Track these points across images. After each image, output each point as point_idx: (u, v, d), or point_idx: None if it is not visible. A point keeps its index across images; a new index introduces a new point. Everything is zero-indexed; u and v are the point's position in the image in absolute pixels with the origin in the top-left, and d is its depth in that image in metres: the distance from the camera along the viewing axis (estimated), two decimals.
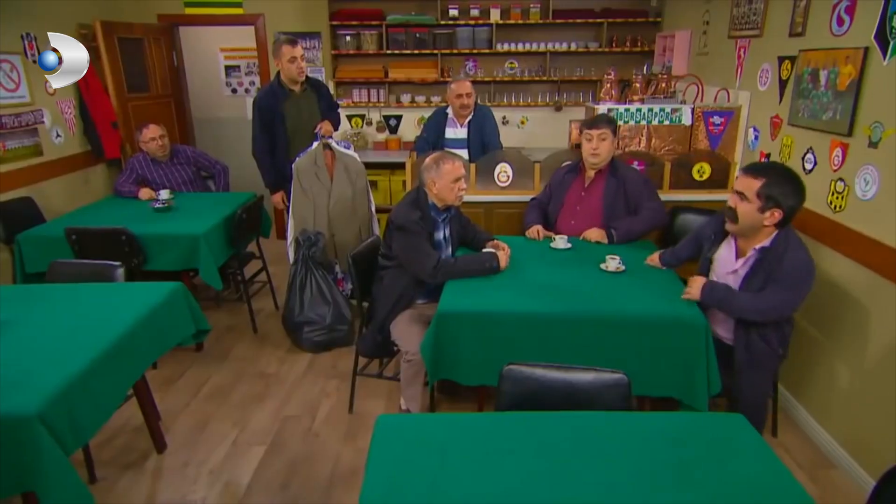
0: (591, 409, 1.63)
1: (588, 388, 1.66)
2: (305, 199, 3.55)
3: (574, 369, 1.67)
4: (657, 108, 3.49)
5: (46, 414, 1.61)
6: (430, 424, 1.56)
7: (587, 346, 2.20)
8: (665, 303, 2.28)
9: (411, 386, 2.58)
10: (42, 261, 3.20)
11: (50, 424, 1.61)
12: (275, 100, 3.58)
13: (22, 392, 1.65)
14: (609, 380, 1.64)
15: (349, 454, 2.60)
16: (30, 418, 1.57)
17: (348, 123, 5.41)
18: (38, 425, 1.57)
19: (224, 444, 2.66)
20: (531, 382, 1.67)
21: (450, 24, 5.00)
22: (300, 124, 3.64)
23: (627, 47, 5.02)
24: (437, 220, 2.68)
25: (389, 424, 1.53)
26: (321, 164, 3.54)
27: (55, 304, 2.23)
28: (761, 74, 3.14)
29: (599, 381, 1.65)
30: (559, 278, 2.50)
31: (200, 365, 3.33)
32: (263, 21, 5.14)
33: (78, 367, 1.79)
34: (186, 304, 2.49)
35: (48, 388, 1.67)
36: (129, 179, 3.93)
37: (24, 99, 3.87)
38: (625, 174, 2.97)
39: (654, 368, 2.17)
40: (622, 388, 1.64)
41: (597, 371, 1.66)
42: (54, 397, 1.65)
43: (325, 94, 3.82)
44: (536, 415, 1.58)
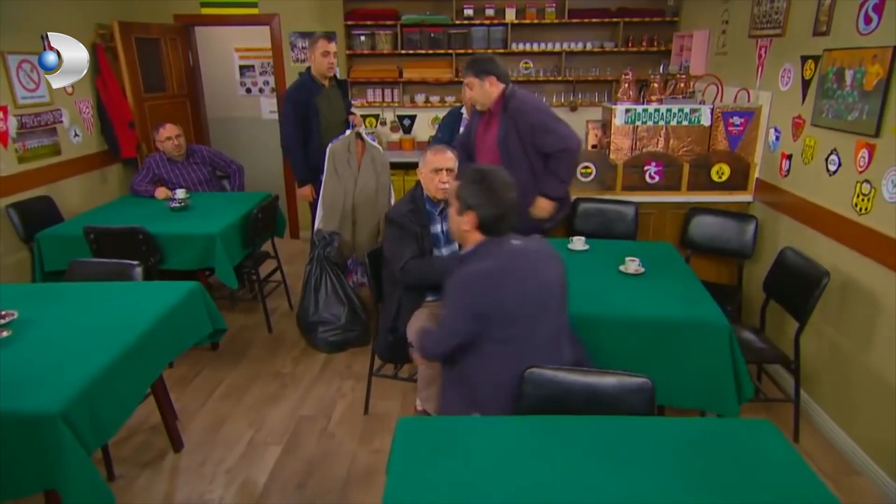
0: (614, 413, 1.60)
1: (611, 393, 1.63)
2: (338, 183, 3.58)
3: (597, 373, 1.65)
4: (676, 109, 3.45)
5: (69, 413, 1.61)
6: (452, 427, 1.55)
7: (609, 349, 2.18)
8: (686, 305, 2.25)
9: (428, 387, 2.57)
10: (61, 259, 3.23)
11: (72, 423, 1.62)
12: (308, 94, 3.64)
13: (44, 390, 1.66)
14: (633, 384, 1.62)
15: (365, 455, 2.59)
16: (52, 417, 1.57)
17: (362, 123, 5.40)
18: (60, 424, 1.58)
19: (240, 444, 2.67)
20: (553, 386, 1.65)
21: (465, 23, 4.98)
22: (331, 118, 3.74)
23: (644, 47, 4.97)
24: (433, 213, 2.61)
25: (410, 427, 1.52)
26: (353, 151, 3.60)
27: (75, 303, 2.25)
28: (783, 74, 3.09)
29: (623, 385, 1.63)
30: (579, 280, 2.45)
31: (216, 364, 3.34)
32: (279, 21, 5.15)
33: (99, 366, 1.79)
34: (204, 303, 2.50)
35: (70, 386, 1.68)
36: (145, 179, 3.96)
37: (44, 99, 3.90)
38: (516, 114, 2.82)
39: (678, 373, 2.14)
40: (646, 392, 1.61)
41: (620, 375, 1.64)
42: (76, 396, 1.66)
43: (347, 90, 3.94)
44: (559, 418, 1.56)
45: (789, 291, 2.62)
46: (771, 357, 2.63)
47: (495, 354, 1.76)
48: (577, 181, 3.59)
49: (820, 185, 2.74)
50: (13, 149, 3.64)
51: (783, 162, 3.09)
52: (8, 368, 1.78)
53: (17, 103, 3.66)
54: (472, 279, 1.77)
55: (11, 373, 1.76)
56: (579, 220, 3.50)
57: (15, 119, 3.64)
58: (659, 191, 3.53)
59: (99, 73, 4.41)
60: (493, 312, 1.73)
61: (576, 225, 3.50)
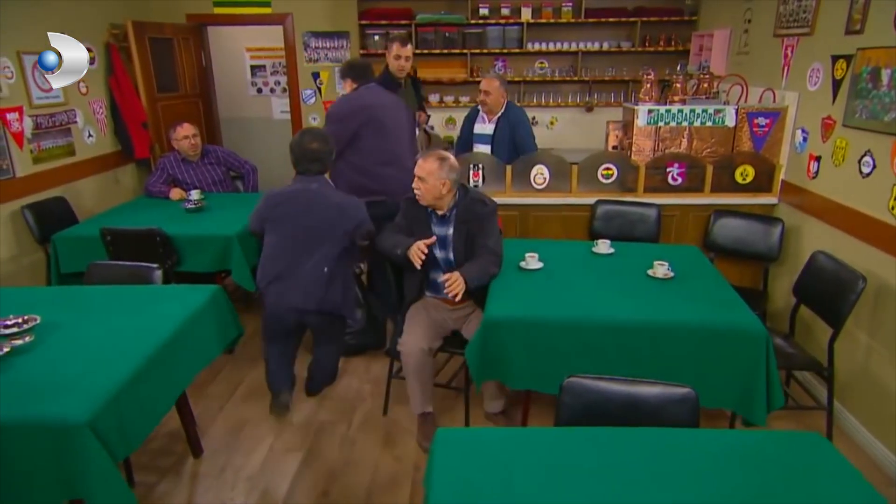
0: (656, 424, 1.55)
1: (653, 403, 1.58)
2: None
3: (638, 382, 1.60)
4: (699, 109, 3.39)
5: (96, 422, 1.57)
6: (492, 439, 1.50)
7: (639, 355, 2.13)
8: (720, 311, 2.20)
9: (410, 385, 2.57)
10: (76, 261, 3.21)
11: (99, 432, 1.58)
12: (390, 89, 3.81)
13: (70, 398, 1.62)
14: (676, 394, 1.57)
15: (388, 462, 2.54)
16: (80, 426, 1.53)
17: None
18: (87, 433, 1.54)
19: (260, 450, 2.62)
20: (593, 395, 1.60)
21: (480, 23, 4.94)
22: None
23: (661, 46, 4.92)
24: (430, 213, 2.56)
25: (450, 439, 1.48)
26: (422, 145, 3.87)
27: (98, 307, 2.21)
28: (811, 74, 3.03)
29: (665, 395, 1.58)
30: (607, 285, 2.43)
31: (232, 367, 3.30)
32: (292, 21, 5.12)
33: (126, 373, 1.75)
34: (226, 306, 2.46)
35: (97, 394, 1.64)
36: (159, 179, 3.92)
37: (59, 99, 3.87)
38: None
39: (709, 379, 2.09)
40: (689, 403, 1.56)
41: (663, 385, 1.59)
42: (104, 405, 1.62)
43: (419, 88, 4.14)
44: (601, 430, 1.51)
45: (822, 296, 2.56)
46: (802, 364, 2.57)
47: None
48: (598, 183, 3.54)
49: (852, 188, 2.68)
50: (28, 149, 3.61)
51: (811, 163, 3.03)
52: (32, 375, 1.75)
53: (33, 104, 3.63)
54: (266, 195, 2.63)
55: (36, 379, 1.72)
56: (600, 223, 3.45)
57: (30, 119, 3.61)
58: (682, 192, 3.47)
59: (113, 73, 4.38)
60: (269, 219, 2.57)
61: (596, 227, 3.44)
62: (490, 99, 3.65)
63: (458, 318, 2.67)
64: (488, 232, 2.54)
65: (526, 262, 2.61)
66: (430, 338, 2.55)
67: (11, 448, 1.56)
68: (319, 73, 5.23)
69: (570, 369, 2.14)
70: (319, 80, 5.23)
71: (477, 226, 2.52)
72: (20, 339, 1.90)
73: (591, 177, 3.54)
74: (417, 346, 2.49)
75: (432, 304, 2.69)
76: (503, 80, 3.68)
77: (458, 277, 2.35)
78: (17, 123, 3.51)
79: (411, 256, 2.43)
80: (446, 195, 2.48)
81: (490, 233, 2.54)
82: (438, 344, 2.60)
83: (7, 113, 3.43)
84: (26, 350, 1.87)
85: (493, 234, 2.55)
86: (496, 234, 2.57)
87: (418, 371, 2.52)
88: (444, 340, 2.65)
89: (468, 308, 2.66)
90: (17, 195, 3.51)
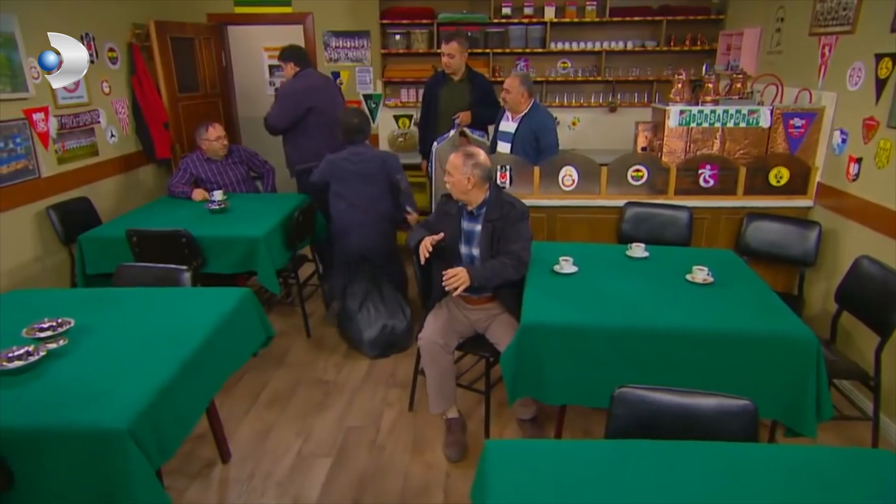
0: (712, 438, 1.49)
1: (710, 416, 1.52)
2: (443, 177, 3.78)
3: (693, 394, 1.54)
4: (733, 110, 3.32)
5: (136, 429, 1.54)
6: (543, 452, 1.45)
7: (683, 364, 2.07)
8: (766, 317, 2.13)
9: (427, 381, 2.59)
10: (102, 262, 3.19)
11: (138, 440, 1.55)
12: (435, 84, 4.16)
13: (108, 405, 1.59)
14: (734, 407, 1.51)
15: (419, 469, 2.50)
16: (120, 433, 1.50)
17: (395, 124, 5.33)
18: (128, 441, 1.51)
19: (289, 455, 2.59)
20: (646, 406, 1.54)
21: (502, 22, 4.88)
22: (449, 108, 4.07)
23: (687, 46, 4.84)
24: (461, 207, 2.58)
25: (501, 452, 1.43)
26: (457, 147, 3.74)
27: (129, 310, 2.18)
28: (851, 73, 2.95)
29: (723, 407, 1.52)
30: (645, 290, 2.37)
31: (257, 370, 3.27)
32: (312, 20, 5.09)
33: (162, 379, 1.72)
34: (256, 309, 2.43)
35: (135, 400, 1.61)
36: (181, 180, 3.91)
37: (83, 99, 3.87)
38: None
39: (756, 389, 2.00)
40: (748, 416, 1.50)
41: (719, 396, 1.53)
42: (142, 411, 1.58)
43: (481, 88, 4.10)
44: (655, 444, 1.45)
45: (868, 303, 2.48)
46: (847, 372, 2.49)
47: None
48: (627, 185, 3.48)
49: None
50: (53, 150, 3.61)
51: (851, 165, 2.95)
52: (68, 380, 1.72)
53: (58, 104, 3.63)
54: (327, 159, 3.43)
55: (72, 385, 1.69)
56: (629, 225, 3.39)
57: (55, 120, 3.61)
58: (713, 195, 3.40)
59: (135, 73, 4.38)
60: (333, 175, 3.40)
61: (625, 230, 3.38)
62: (510, 97, 3.60)
63: (479, 319, 2.63)
64: (516, 235, 2.50)
65: (560, 266, 2.56)
66: (447, 334, 2.56)
67: (50, 455, 1.53)
68: (339, 72, 5.20)
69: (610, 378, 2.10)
70: (339, 79, 5.20)
71: (505, 226, 2.51)
72: (55, 342, 1.88)
73: (620, 178, 3.47)
74: (432, 339, 2.52)
75: (455, 302, 2.68)
76: (525, 80, 3.59)
77: (460, 272, 2.38)
78: (42, 123, 3.51)
79: (420, 251, 2.51)
80: (472, 190, 2.49)
81: (517, 237, 2.50)
82: (455, 342, 2.59)
83: (33, 113, 3.43)
84: (61, 354, 1.84)
85: (521, 239, 2.50)
86: (524, 239, 2.52)
87: (432, 364, 2.53)
88: (467, 341, 2.64)
89: (493, 309, 2.61)
90: (42, 195, 3.51)
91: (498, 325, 2.55)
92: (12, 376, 1.70)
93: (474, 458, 2.54)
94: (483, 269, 2.44)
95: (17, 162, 3.34)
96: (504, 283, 2.47)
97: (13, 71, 3.29)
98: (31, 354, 1.76)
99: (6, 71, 3.25)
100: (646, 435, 1.51)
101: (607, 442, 1.49)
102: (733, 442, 1.47)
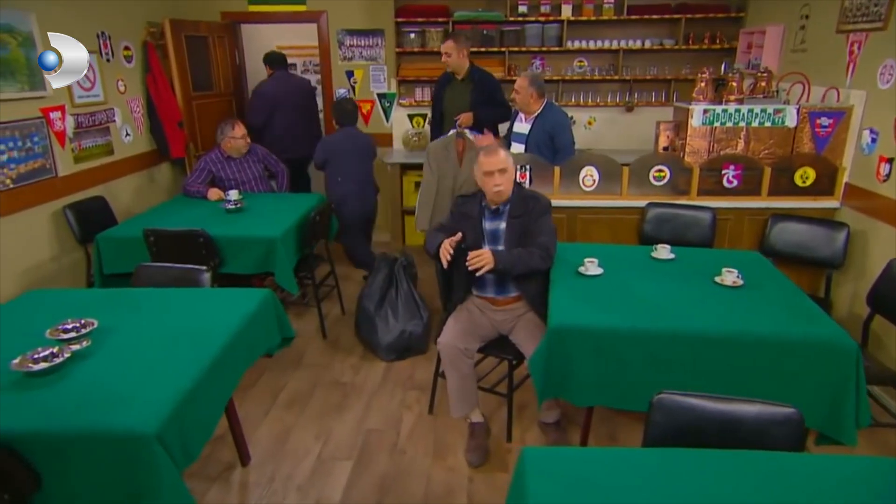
0: (756, 447, 1.45)
1: (752, 424, 1.48)
2: (430, 178, 3.81)
3: (736, 401, 1.50)
4: (758, 109, 3.26)
5: (163, 433, 1.52)
6: (582, 460, 1.41)
7: (715, 369, 2.03)
8: (801, 322, 2.08)
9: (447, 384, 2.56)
10: (119, 262, 3.18)
11: (166, 444, 1.52)
12: (442, 83, 4.21)
13: (134, 408, 1.57)
14: (778, 415, 1.47)
15: (441, 473, 2.47)
16: (149, 437, 1.48)
17: (409, 123, 5.30)
18: (156, 445, 1.49)
19: (309, 458, 2.56)
20: (686, 414, 1.50)
21: (518, 20, 4.84)
22: (453, 108, 4.07)
23: (706, 44, 4.77)
24: (482, 207, 2.57)
25: (539, 459, 1.39)
26: (451, 150, 3.78)
27: (151, 311, 2.16)
28: (882, 71, 2.89)
29: (766, 415, 1.47)
30: (674, 292, 2.32)
31: (274, 371, 3.25)
32: (326, 18, 5.07)
33: (187, 382, 1.70)
34: (275, 311, 2.40)
35: (161, 404, 1.58)
36: (198, 179, 3.89)
37: (99, 98, 3.86)
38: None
39: (792, 396, 1.97)
40: (794, 425, 1.46)
41: (763, 404, 1.49)
42: (169, 415, 1.56)
43: (484, 87, 4.03)
44: (698, 452, 1.41)
45: None
46: (882, 377, 2.44)
47: None
48: (648, 185, 3.43)
49: None
50: (70, 148, 3.60)
51: (881, 166, 2.89)
52: (93, 382, 1.70)
53: (75, 102, 3.62)
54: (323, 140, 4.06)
55: (97, 387, 1.67)
56: (650, 226, 3.34)
57: (72, 118, 3.60)
58: (737, 196, 3.35)
59: (150, 71, 4.37)
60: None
61: (646, 231, 3.34)
62: (519, 98, 3.56)
63: (504, 320, 2.60)
64: (541, 228, 2.50)
65: (585, 268, 2.52)
66: (468, 338, 2.52)
67: (78, 458, 1.51)
68: (353, 71, 5.18)
69: (640, 381, 2.08)
70: (354, 78, 5.17)
71: (531, 220, 2.51)
72: (77, 343, 1.86)
73: (642, 179, 3.43)
74: (452, 343, 2.49)
75: (478, 304, 2.64)
76: (535, 80, 3.52)
77: (484, 253, 2.34)
78: (59, 122, 3.50)
79: (440, 255, 2.44)
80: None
81: (543, 229, 2.50)
82: (476, 345, 2.55)
83: (50, 112, 3.42)
84: (85, 355, 1.82)
85: (547, 232, 2.49)
86: (550, 231, 2.51)
87: (453, 369, 2.50)
88: (490, 344, 2.60)
89: (518, 309, 2.58)
90: (58, 195, 3.50)
91: (522, 327, 2.52)
92: (38, 378, 1.68)
93: (497, 462, 2.51)
94: (508, 255, 2.42)
95: (35, 161, 3.33)
96: (529, 272, 2.44)
97: (31, 70, 3.28)
98: (56, 356, 1.74)
99: (24, 70, 3.24)
100: (685, 443, 1.48)
101: (648, 450, 1.45)
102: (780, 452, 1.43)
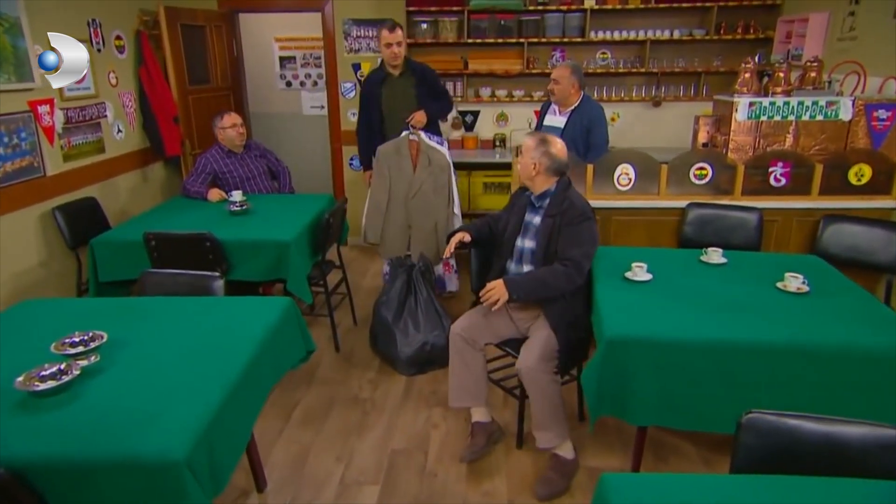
0: (860, 474, 1.37)
1: (856, 447, 1.40)
2: (382, 183, 3.74)
3: (837, 421, 1.42)
4: (809, 101, 3.20)
5: (192, 459, 1.42)
6: (667, 488, 1.33)
7: (789, 383, 1.95)
8: (882, 331, 2.00)
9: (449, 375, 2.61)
10: (116, 268, 3.08)
11: (195, 471, 1.43)
12: (375, 81, 3.91)
13: (161, 431, 1.47)
14: (887, 437, 1.39)
15: (477, 498, 2.38)
16: (177, 465, 1.38)
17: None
18: (185, 472, 1.39)
19: (331, 483, 2.47)
20: (782, 436, 1.42)
21: (538, 9, 4.78)
22: (394, 107, 3.87)
23: (739, 34, 4.73)
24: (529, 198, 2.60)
25: (620, 487, 1.30)
26: (404, 153, 3.71)
27: (162, 322, 2.07)
28: None
29: (873, 437, 1.39)
30: (734, 299, 2.25)
31: (286, 386, 3.14)
32: (332, 7, 4.99)
33: (213, 401, 1.60)
34: (298, 322, 2.31)
35: (189, 427, 1.49)
36: (198, 179, 3.80)
37: (90, 91, 3.77)
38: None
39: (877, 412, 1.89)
40: None
41: (869, 425, 1.41)
42: (197, 439, 1.46)
43: (428, 81, 3.90)
44: (794, 480, 1.33)
45: None
46: None
47: None
48: (687, 184, 3.36)
49: None
50: (59, 145, 3.51)
51: None
52: (107, 402, 1.60)
53: (64, 95, 3.53)
54: None
55: (113, 408, 1.57)
56: (691, 228, 3.27)
57: (61, 113, 3.51)
58: (785, 195, 3.28)
59: (143, 63, 4.28)
60: None
61: (686, 233, 3.27)
62: (558, 88, 3.50)
63: (523, 318, 2.58)
64: (574, 239, 2.41)
65: (633, 273, 2.44)
66: (479, 331, 2.56)
67: (95, 488, 1.41)
68: (361, 64, 5.10)
69: (706, 397, 2.00)
70: (360, 72, 5.10)
71: (562, 225, 2.44)
72: (86, 359, 1.76)
73: (681, 178, 3.36)
74: (459, 333, 2.55)
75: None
76: (577, 70, 3.51)
77: (496, 285, 2.38)
78: (48, 117, 3.40)
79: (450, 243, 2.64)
80: (536, 177, 2.49)
81: (576, 241, 2.41)
82: (487, 340, 2.59)
83: (38, 105, 3.32)
84: (96, 372, 1.72)
85: (581, 244, 2.41)
86: (585, 244, 2.42)
87: (456, 356, 2.55)
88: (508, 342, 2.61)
89: (536, 310, 2.52)
90: (47, 196, 3.40)
91: (537, 328, 2.48)
92: (46, 398, 1.58)
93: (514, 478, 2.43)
94: (524, 281, 2.42)
95: (22, 159, 3.23)
96: (550, 294, 2.39)
97: (18, 59, 3.20)
98: (65, 373, 1.64)
99: (11, 59, 3.15)
100: (779, 468, 1.39)
101: (743, 477, 1.36)
102: (888, 480, 1.35)
